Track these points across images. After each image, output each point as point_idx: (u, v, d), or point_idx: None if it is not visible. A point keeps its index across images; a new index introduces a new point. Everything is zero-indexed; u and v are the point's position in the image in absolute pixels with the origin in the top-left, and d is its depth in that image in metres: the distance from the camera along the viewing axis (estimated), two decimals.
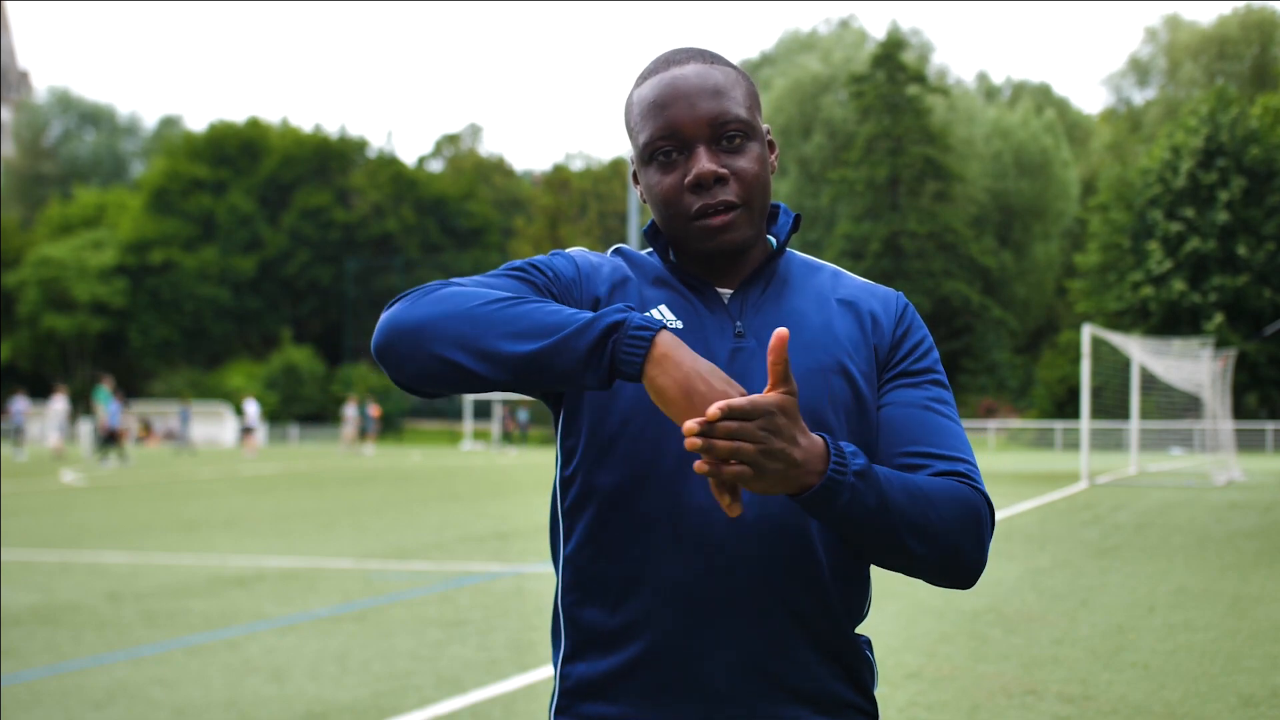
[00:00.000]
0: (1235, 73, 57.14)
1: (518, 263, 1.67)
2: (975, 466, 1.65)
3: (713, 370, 1.44)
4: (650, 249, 1.75)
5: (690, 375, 1.43)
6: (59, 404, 34.22)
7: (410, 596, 8.62)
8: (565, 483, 1.68)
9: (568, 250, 1.74)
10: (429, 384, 1.52)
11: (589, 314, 1.48)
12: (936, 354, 1.74)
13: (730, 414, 1.38)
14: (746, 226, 1.64)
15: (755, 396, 1.40)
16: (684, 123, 1.62)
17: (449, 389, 1.52)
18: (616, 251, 1.78)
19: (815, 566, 1.60)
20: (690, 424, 1.38)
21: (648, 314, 1.63)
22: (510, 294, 1.53)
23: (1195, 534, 12.39)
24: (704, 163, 1.61)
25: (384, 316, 1.54)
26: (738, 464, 1.39)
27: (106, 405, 29.30)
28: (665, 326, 1.48)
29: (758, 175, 1.64)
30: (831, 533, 1.62)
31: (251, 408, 37.40)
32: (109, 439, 29.25)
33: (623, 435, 1.61)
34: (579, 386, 1.48)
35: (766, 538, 1.58)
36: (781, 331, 1.40)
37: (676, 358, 1.44)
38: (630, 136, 1.70)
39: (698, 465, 1.39)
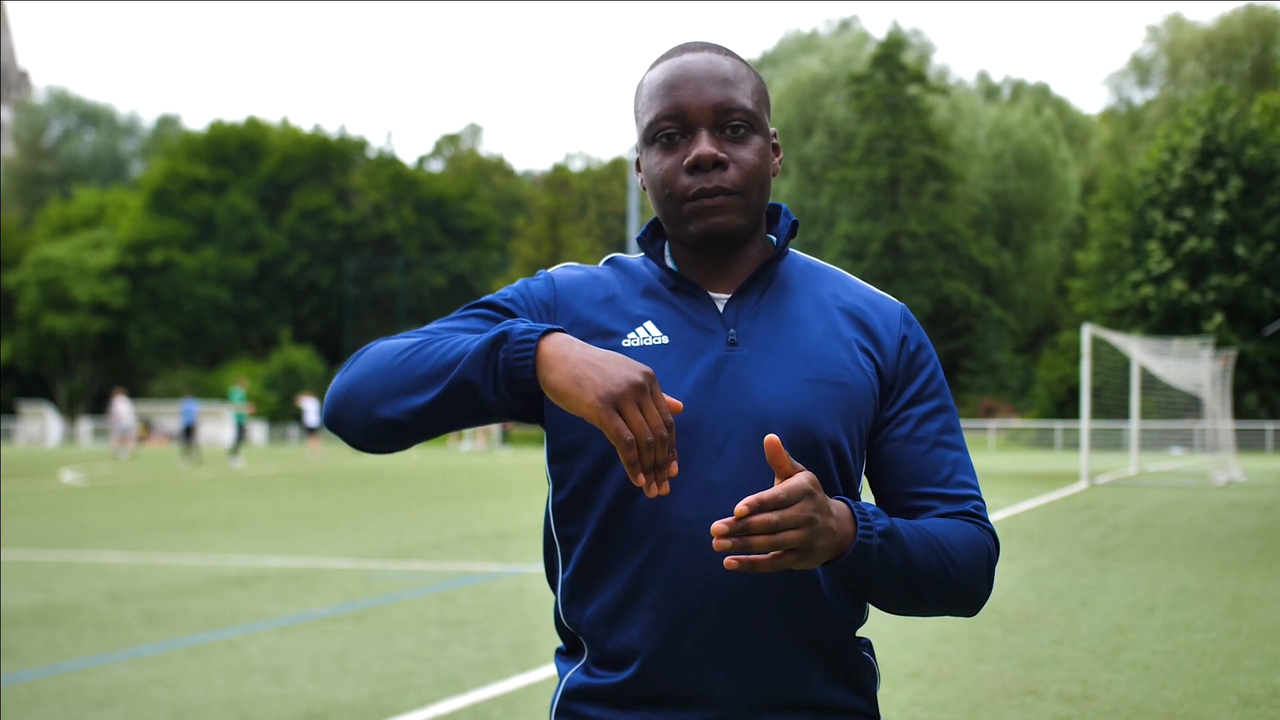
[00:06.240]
0: (1237, 72, 57.00)
1: (480, 300, 1.68)
2: (981, 498, 1.68)
3: (608, 357, 1.43)
4: (645, 255, 1.73)
5: (577, 364, 1.42)
6: (123, 406, 35.44)
7: (410, 596, 8.62)
8: (559, 507, 1.66)
9: (551, 270, 1.73)
10: (374, 444, 1.57)
11: (486, 337, 1.48)
12: (941, 373, 1.73)
13: (762, 506, 1.37)
14: (740, 214, 1.62)
15: (788, 482, 1.39)
16: (689, 105, 1.61)
17: (393, 445, 1.56)
18: (610, 262, 1.75)
19: (812, 575, 1.60)
20: (719, 525, 1.37)
21: (604, 326, 1.63)
22: (422, 338, 1.55)
23: (1195, 534, 12.38)
24: (704, 145, 1.60)
25: (329, 389, 1.59)
26: (784, 552, 1.39)
27: (242, 405, 30.57)
28: (554, 329, 1.47)
29: (757, 167, 1.63)
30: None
31: (312, 405, 36.02)
32: (240, 437, 30.50)
33: (612, 455, 1.59)
34: (493, 407, 1.49)
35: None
36: (771, 438, 1.40)
37: (563, 353, 1.44)
38: (636, 119, 1.68)
39: (729, 563, 1.38)
